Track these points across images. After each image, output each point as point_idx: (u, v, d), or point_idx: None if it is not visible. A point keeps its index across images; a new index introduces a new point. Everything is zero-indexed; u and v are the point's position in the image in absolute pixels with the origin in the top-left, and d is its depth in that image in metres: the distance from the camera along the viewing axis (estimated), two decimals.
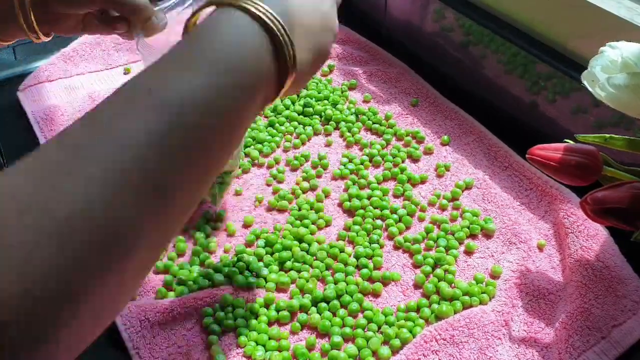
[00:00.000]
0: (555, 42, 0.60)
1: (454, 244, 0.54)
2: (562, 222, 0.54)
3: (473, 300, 0.49)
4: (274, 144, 0.65)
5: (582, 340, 0.45)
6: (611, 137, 0.45)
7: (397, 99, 0.71)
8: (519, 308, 0.49)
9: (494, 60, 0.66)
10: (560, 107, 0.60)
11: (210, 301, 0.48)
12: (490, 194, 0.59)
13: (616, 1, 0.54)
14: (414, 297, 0.51)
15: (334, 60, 0.77)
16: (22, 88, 0.70)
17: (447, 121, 0.67)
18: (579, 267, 0.49)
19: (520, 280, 0.50)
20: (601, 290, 0.48)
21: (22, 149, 0.70)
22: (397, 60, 0.76)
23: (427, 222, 0.57)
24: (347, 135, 0.66)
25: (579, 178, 0.47)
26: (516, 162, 0.61)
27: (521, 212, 0.57)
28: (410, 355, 0.45)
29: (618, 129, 0.54)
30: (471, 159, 0.63)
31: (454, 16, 0.68)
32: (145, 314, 0.47)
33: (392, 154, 0.64)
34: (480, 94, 0.70)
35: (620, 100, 0.41)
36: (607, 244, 0.51)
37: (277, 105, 0.69)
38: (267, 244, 0.54)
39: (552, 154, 0.47)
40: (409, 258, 0.54)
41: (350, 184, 0.60)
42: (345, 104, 0.71)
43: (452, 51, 0.71)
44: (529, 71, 0.62)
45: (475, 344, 0.46)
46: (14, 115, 0.68)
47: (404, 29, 0.77)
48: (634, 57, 0.41)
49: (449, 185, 0.60)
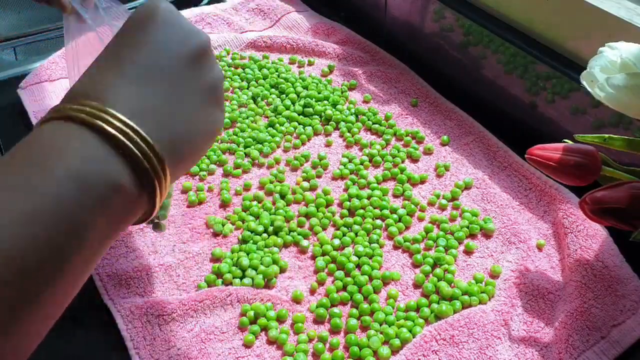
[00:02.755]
0: (554, 42, 0.60)
1: (453, 243, 0.54)
2: (562, 222, 0.54)
3: (472, 300, 0.49)
4: (274, 144, 0.65)
5: (581, 340, 0.45)
6: (610, 137, 0.45)
7: (397, 99, 0.71)
8: (518, 308, 0.49)
9: (493, 60, 0.66)
10: (560, 108, 0.60)
11: (209, 302, 0.49)
12: (490, 194, 0.59)
13: (615, 2, 0.54)
14: (414, 296, 0.51)
15: (334, 60, 0.77)
16: (23, 86, 0.70)
17: (447, 121, 0.67)
18: (579, 267, 0.49)
19: (520, 280, 0.51)
20: (600, 290, 0.48)
21: None
22: (397, 60, 0.76)
23: (427, 222, 0.57)
24: (347, 135, 0.66)
25: (578, 178, 0.47)
26: (515, 162, 0.61)
27: (520, 212, 0.57)
28: (410, 355, 0.45)
29: (617, 129, 0.54)
30: (471, 159, 0.63)
31: (453, 16, 0.68)
32: (145, 315, 0.47)
33: (392, 154, 0.64)
34: (479, 94, 0.70)
35: (619, 100, 0.41)
36: (606, 244, 0.51)
37: (277, 105, 0.70)
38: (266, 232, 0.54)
39: (551, 154, 0.47)
40: (408, 258, 0.54)
41: (350, 184, 0.60)
42: (345, 104, 0.71)
43: (452, 51, 0.71)
44: (529, 71, 0.62)
45: (475, 344, 0.46)
46: (15, 114, 0.68)
47: (404, 29, 0.78)
48: (633, 58, 0.42)
49: (448, 185, 0.60)
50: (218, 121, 0.34)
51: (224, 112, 0.34)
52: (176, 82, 0.30)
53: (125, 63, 0.29)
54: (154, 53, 0.30)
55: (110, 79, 0.29)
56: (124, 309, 0.48)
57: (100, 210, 0.26)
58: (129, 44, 0.30)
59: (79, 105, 0.27)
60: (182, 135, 0.30)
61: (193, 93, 0.31)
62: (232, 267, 0.52)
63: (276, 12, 0.86)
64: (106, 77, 0.29)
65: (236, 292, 0.50)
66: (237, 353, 0.46)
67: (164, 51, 0.30)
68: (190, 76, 0.31)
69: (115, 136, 0.27)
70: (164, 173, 0.29)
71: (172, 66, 0.30)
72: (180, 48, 0.31)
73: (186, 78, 0.31)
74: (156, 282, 0.51)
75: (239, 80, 0.74)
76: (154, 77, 0.30)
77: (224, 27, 0.84)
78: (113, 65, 0.29)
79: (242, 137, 0.66)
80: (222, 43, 0.80)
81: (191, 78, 0.31)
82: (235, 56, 0.78)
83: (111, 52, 0.31)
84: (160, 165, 0.28)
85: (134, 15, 0.32)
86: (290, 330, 0.48)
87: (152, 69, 0.30)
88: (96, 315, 0.49)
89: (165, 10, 0.32)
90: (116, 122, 0.27)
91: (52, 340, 0.49)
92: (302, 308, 0.50)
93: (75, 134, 0.27)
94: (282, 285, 0.52)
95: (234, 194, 0.60)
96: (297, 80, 0.73)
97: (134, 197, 0.28)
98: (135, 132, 0.27)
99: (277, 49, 0.79)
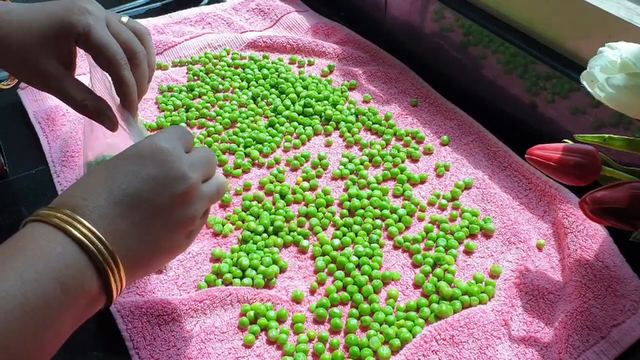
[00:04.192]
0: (554, 42, 0.60)
1: (453, 243, 0.54)
2: (562, 222, 0.54)
3: (472, 300, 0.49)
4: (274, 144, 0.65)
5: (581, 340, 0.45)
6: (610, 137, 0.45)
7: (397, 99, 0.71)
8: (518, 308, 0.49)
9: (493, 60, 0.66)
10: (560, 108, 0.60)
11: (209, 302, 0.49)
12: (490, 194, 0.59)
13: (615, 2, 0.54)
14: (414, 296, 0.51)
15: (334, 60, 0.77)
16: (23, 86, 0.70)
17: (447, 121, 0.67)
18: (578, 267, 0.49)
19: (520, 280, 0.51)
20: (600, 290, 0.48)
21: (23, 148, 0.70)
22: (397, 60, 0.76)
23: (427, 221, 0.57)
24: (347, 135, 0.66)
25: (578, 178, 0.47)
26: (515, 162, 0.61)
27: (520, 212, 0.57)
28: (410, 355, 0.45)
29: (617, 129, 0.54)
30: (471, 159, 0.63)
31: (453, 16, 0.68)
32: (145, 315, 0.47)
33: (392, 154, 0.64)
34: (479, 94, 0.70)
35: (619, 100, 0.41)
36: (606, 244, 0.51)
37: (277, 105, 0.70)
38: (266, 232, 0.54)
39: (551, 154, 0.47)
40: (408, 258, 0.54)
41: (350, 184, 0.60)
42: (345, 104, 0.71)
43: (452, 51, 0.71)
44: (529, 71, 0.62)
45: (475, 344, 0.46)
46: (15, 115, 0.68)
47: (404, 29, 0.78)
48: (633, 58, 0.42)
49: (448, 185, 0.60)
50: (182, 247, 0.40)
51: (191, 240, 0.40)
52: (153, 214, 0.36)
53: (114, 188, 0.35)
54: (142, 186, 0.35)
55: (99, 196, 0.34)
56: (124, 309, 0.48)
57: (73, 308, 0.32)
58: (123, 172, 0.36)
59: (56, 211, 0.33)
60: (143, 255, 0.36)
61: (165, 225, 0.37)
62: (232, 267, 0.52)
63: (276, 12, 0.86)
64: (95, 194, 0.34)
65: (236, 292, 0.50)
66: (237, 353, 0.46)
67: (151, 187, 0.36)
68: (168, 214, 0.37)
69: (82, 241, 0.32)
70: (120, 278, 0.34)
71: (154, 201, 0.36)
72: (167, 190, 0.36)
73: (163, 213, 0.36)
74: (156, 282, 0.51)
75: (239, 80, 0.74)
76: (134, 205, 0.35)
77: (224, 27, 0.84)
78: (105, 185, 0.35)
79: (242, 137, 0.66)
80: (222, 43, 0.80)
81: (168, 215, 0.37)
82: (235, 56, 0.78)
83: (108, 170, 0.36)
84: (117, 272, 0.34)
85: (138, 146, 0.37)
86: (290, 330, 0.48)
87: (135, 199, 0.35)
88: (96, 315, 0.49)
89: (166, 151, 0.37)
90: (83, 229, 0.33)
91: None
92: (302, 308, 0.50)
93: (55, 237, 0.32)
94: (282, 285, 0.52)
95: (234, 194, 0.60)
96: (297, 80, 0.73)
97: (96, 297, 0.34)
98: (99, 239, 0.33)
99: (277, 49, 0.79)
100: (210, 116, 0.69)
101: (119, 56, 0.45)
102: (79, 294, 0.32)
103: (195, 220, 0.39)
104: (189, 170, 0.38)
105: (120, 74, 0.45)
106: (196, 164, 0.39)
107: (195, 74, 0.75)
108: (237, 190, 0.60)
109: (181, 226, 0.38)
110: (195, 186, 0.38)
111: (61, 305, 0.31)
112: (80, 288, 0.32)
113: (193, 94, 0.72)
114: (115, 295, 0.35)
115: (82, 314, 0.34)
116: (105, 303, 0.35)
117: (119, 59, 0.45)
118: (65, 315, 0.32)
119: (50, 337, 0.31)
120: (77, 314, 0.33)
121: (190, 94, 0.72)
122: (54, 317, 0.31)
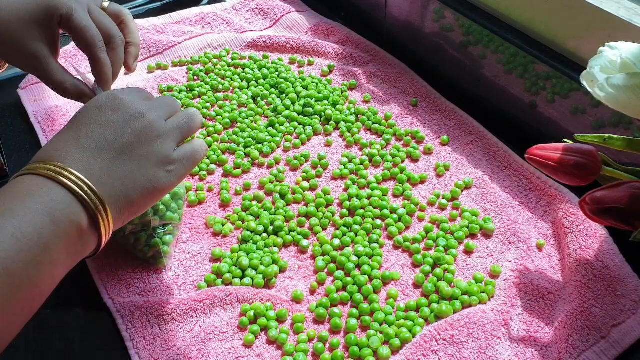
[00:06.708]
0: (554, 42, 0.60)
1: (453, 243, 0.54)
2: (562, 222, 0.54)
3: (472, 300, 0.49)
4: (274, 144, 0.65)
5: (581, 340, 0.45)
6: (610, 137, 0.45)
7: (397, 99, 0.71)
8: (518, 308, 0.49)
9: (493, 60, 0.66)
10: (560, 108, 0.60)
11: (209, 302, 0.49)
12: (490, 194, 0.59)
13: (615, 2, 0.54)
14: (414, 296, 0.51)
15: (334, 60, 0.77)
16: (23, 86, 0.70)
17: (447, 121, 0.67)
18: (578, 267, 0.49)
19: (520, 280, 0.51)
20: (600, 290, 0.48)
21: (22, 148, 0.70)
22: (397, 60, 0.76)
23: (427, 222, 0.57)
24: (347, 135, 0.66)
25: (578, 178, 0.47)
26: (515, 162, 0.61)
27: (520, 212, 0.57)
28: (410, 355, 0.45)
29: (617, 129, 0.55)
30: (471, 159, 0.63)
31: (453, 16, 0.68)
32: (145, 315, 0.47)
33: (392, 154, 0.64)
34: (480, 94, 0.70)
35: (619, 100, 0.41)
36: (606, 244, 0.51)
37: (277, 105, 0.70)
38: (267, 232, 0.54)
39: (551, 154, 0.47)
40: (408, 258, 0.54)
41: (350, 184, 0.60)
42: (345, 104, 0.71)
43: (452, 51, 0.71)
44: (529, 71, 0.62)
45: (475, 344, 0.46)
46: (15, 114, 0.68)
47: (404, 29, 0.78)
48: (633, 58, 0.42)
49: (448, 185, 0.60)
50: (165, 182, 0.41)
51: (176, 178, 0.42)
52: (120, 151, 0.39)
53: (81, 136, 0.39)
54: (104, 130, 0.39)
55: (70, 147, 0.38)
56: (124, 309, 0.48)
57: (65, 240, 0.35)
58: (86, 122, 0.40)
59: (44, 164, 0.37)
60: (120, 189, 0.38)
61: (134, 160, 0.40)
62: (232, 267, 0.52)
63: (276, 12, 0.86)
64: (67, 146, 0.38)
65: (236, 292, 0.50)
66: (237, 353, 0.46)
67: (112, 129, 0.40)
68: (134, 148, 0.40)
69: (72, 187, 0.36)
70: (108, 217, 0.37)
71: (119, 141, 0.39)
72: (127, 128, 0.40)
73: (130, 149, 0.40)
74: (156, 282, 0.51)
75: (239, 80, 0.74)
76: (102, 148, 0.39)
77: (224, 27, 0.84)
78: (73, 137, 0.39)
79: (242, 137, 0.66)
80: (222, 43, 0.80)
81: (135, 150, 0.40)
82: (235, 56, 0.78)
83: (73, 126, 0.40)
84: (104, 211, 0.37)
85: (97, 98, 0.41)
86: (290, 330, 0.48)
87: (101, 142, 0.39)
88: (96, 315, 0.49)
89: (121, 97, 0.41)
90: (73, 177, 0.36)
91: (52, 340, 0.49)
92: (302, 308, 0.50)
93: (45, 184, 0.36)
94: (282, 285, 0.52)
95: (234, 194, 0.60)
96: (297, 80, 0.73)
97: (88, 236, 0.37)
98: (86, 184, 0.36)
99: (277, 49, 0.79)
100: (210, 116, 0.69)
101: (96, 38, 0.49)
102: (69, 226, 0.35)
103: (169, 154, 0.41)
104: (145, 110, 0.41)
105: (96, 55, 0.49)
106: (154, 105, 0.42)
107: (195, 74, 0.75)
108: (237, 190, 0.60)
109: (153, 159, 0.40)
110: (155, 121, 0.41)
111: (53, 234, 0.34)
112: (69, 220, 0.35)
113: (193, 94, 0.72)
114: (105, 233, 0.38)
115: (76, 249, 0.36)
116: (97, 245, 0.38)
117: (97, 41, 0.49)
118: (59, 245, 0.34)
119: (47, 265, 0.34)
120: (70, 247, 0.36)
121: (190, 94, 0.72)
122: (49, 246, 0.34)
